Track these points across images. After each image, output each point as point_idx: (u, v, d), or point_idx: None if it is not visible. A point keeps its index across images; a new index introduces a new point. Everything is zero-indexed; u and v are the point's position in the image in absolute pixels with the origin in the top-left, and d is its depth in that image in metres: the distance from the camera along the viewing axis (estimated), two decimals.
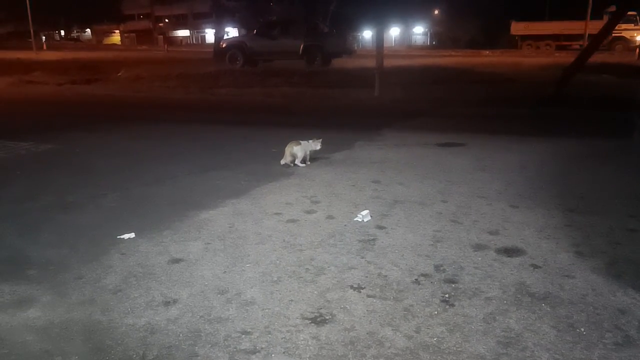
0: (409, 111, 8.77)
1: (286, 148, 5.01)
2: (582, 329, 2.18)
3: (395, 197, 4.05)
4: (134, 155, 5.62)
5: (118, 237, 3.25)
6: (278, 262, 2.87)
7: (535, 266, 2.78)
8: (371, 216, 3.59)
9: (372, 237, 3.21)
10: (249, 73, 15.08)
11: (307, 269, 2.78)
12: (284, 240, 3.18)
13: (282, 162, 5.01)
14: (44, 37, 41.21)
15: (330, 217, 3.63)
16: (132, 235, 3.27)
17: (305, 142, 5.06)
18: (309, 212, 3.72)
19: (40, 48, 36.75)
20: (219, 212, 3.74)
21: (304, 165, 5.01)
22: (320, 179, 4.61)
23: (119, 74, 15.71)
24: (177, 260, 2.90)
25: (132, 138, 6.60)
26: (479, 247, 3.05)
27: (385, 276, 2.68)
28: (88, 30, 55.88)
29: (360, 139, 6.29)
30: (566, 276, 2.65)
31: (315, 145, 5.02)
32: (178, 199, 4.05)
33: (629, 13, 28.59)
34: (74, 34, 64.13)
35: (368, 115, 8.66)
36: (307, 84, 12.55)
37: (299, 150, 4.99)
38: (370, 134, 6.64)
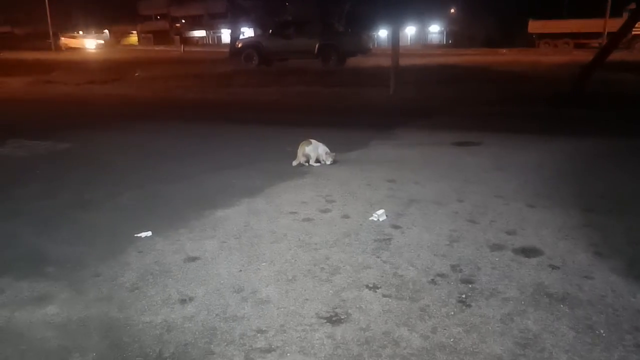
0: (424, 110, 8.74)
1: (298, 149, 5.02)
2: (601, 331, 2.15)
3: (411, 196, 4.03)
4: (149, 154, 5.66)
5: (135, 235, 3.27)
6: (293, 260, 2.87)
7: (553, 267, 2.74)
8: (387, 215, 3.58)
9: (387, 237, 3.20)
10: (264, 72, 15.15)
11: (322, 268, 2.77)
12: (299, 239, 3.18)
13: (294, 163, 5.02)
14: (62, 39, 41.82)
15: (345, 216, 3.62)
16: (149, 233, 3.30)
17: (317, 142, 5.05)
18: (324, 211, 3.73)
19: (58, 49, 37.26)
20: (234, 210, 3.76)
21: (318, 164, 5.01)
22: (335, 178, 4.61)
23: (136, 74, 15.88)
24: (193, 259, 2.91)
25: (148, 137, 6.66)
26: (496, 247, 3.02)
27: (401, 276, 2.67)
28: (106, 31, 56.65)
29: (375, 137, 6.27)
30: (585, 277, 2.62)
31: (326, 157, 4.98)
32: (193, 198, 4.08)
33: None
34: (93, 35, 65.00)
35: (383, 114, 8.64)
36: (322, 83, 12.55)
37: (311, 150, 4.99)
38: (386, 132, 6.61)
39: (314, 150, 5.00)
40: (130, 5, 59.08)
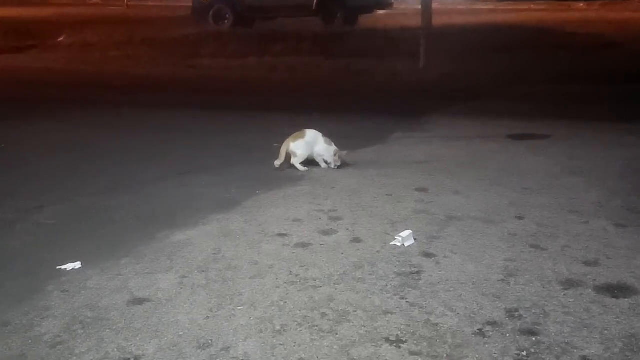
0: (467, 90, 8.73)
1: (283, 144, 5.09)
2: None
3: (449, 212, 4.02)
4: (83, 152, 5.64)
5: (58, 267, 3.23)
6: (282, 303, 2.85)
7: None
8: (415, 239, 3.57)
9: (416, 269, 3.19)
10: (241, 37, 15.11)
11: (323, 313, 2.76)
12: (290, 273, 3.16)
13: (277, 163, 5.07)
14: None
15: (356, 239, 3.61)
16: (78, 264, 3.28)
17: (313, 133, 5.07)
18: (326, 233, 3.72)
19: None
20: (199, 232, 3.75)
21: (304, 169, 5.05)
22: (341, 185, 4.58)
23: (61, 40, 15.87)
24: (140, 301, 2.89)
25: (83, 130, 6.65)
26: (570, 284, 3.01)
27: (436, 325, 2.65)
28: None
29: (398, 129, 6.24)
30: None
31: (334, 158, 5.01)
32: (143, 214, 4.05)
33: None
34: None
35: (409, 95, 8.63)
36: (323, 53, 12.53)
37: (299, 146, 5.03)
38: (413, 122, 6.59)
39: (304, 146, 5.04)
40: None
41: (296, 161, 5.05)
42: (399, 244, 3.52)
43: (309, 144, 5.05)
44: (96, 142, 6.09)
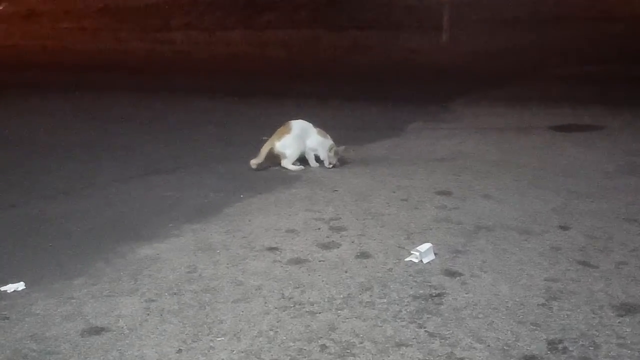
0: (499, 70, 8.73)
1: (267, 142, 5.13)
2: None
3: (478, 221, 4.01)
4: (26, 147, 5.64)
5: None
6: (273, 333, 2.82)
7: None
8: (435, 254, 3.56)
9: (436, 291, 3.18)
10: (223, 5, 15.08)
11: (323, 345, 2.72)
12: (282, 296, 3.16)
13: (253, 162, 5.09)
14: None
15: (363, 254, 3.61)
16: (21, 285, 3.27)
17: (301, 124, 5.12)
18: (326, 247, 3.72)
19: None
20: (171, 245, 3.75)
21: (297, 168, 5.11)
22: (346, 188, 4.57)
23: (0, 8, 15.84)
24: (97, 330, 2.86)
25: (26, 118, 6.71)
26: (626, 309, 2.98)
27: (461, 359, 2.64)
28: None
29: (415, 118, 6.25)
30: None
31: (329, 155, 5.04)
32: (102, 224, 4.05)
33: None
34: None
35: (430, 77, 8.62)
36: (324, 24, 12.52)
37: (287, 144, 5.07)
38: (434, 110, 6.61)
39: (294, 143, 5.08)
40: None
41: (287, 162, 5.08)
42: (416, 260, 3.51)
43: (298, 138, 5.08)
44: (43, 134, 6.09)
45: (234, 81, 8.71)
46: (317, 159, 5.17)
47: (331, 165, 5.08)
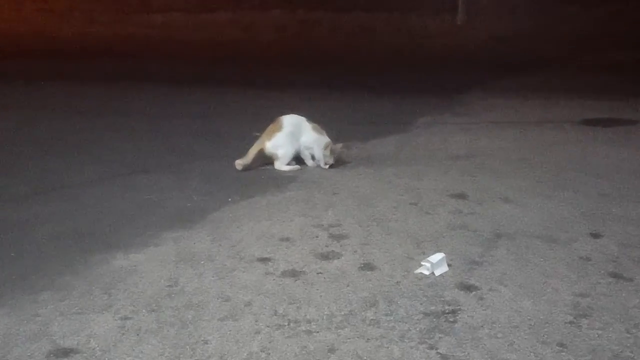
0: (523, 56, 8.74)
1: (256, 142, 5.14)
2: None
3: (497, 227, 4.00)
4: None
5: None
6: (265, 355, 2.78)
7: None
8: (449, 265, 3.55)
9: (450, 307, 3.16)
10: None
11: None
12: (275, 313, 3.13)
13: (239, 163, 5.09)
14: None
15: (367, 266, 3.60)
16: None
17: (294, 119, 5.15)
18: (325, 257, 3.70)
19: None
20: (149, 255, 3.73)
21: (292, 168, 5.13)
22: (348, 190, 4.57)
23: None
24: (66, 352, 2.81)
25: None
26: None
27: None
28: None
29: (426, 112, 6.24)
30: None
31: (325, 153, 5.07)
32: (72, 231, 4.04)
33: None
34: None
35: (443, 64, 8.64)
36: (323, 4, 12.46)
37: (278, 144, 5.10)
38: (447, 101, 6.60)
39: (287, 142, 5.11)
40: None
41: (280, 164, 5.09)
42: (427, 272, 3.50)
43: (292, 136, 5.09)
44: (6, 129, 6.08)
45: (221, 69, 8.74)
46: (314, 157, 5.19)
47: (327, 166, 5.10)
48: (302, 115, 5.20)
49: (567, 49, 8.99)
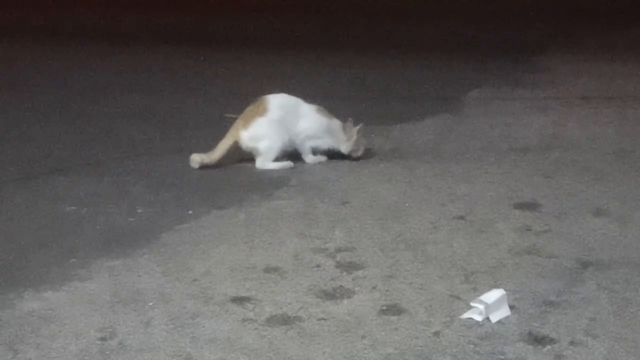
0: (618, 3, 8.62)
1: (230, 130, 4.66)
2: None
3: (584, 252, 3.44)
4: None
5: None
6: None
7: None
8: (512, 307, 3.00)
9: None
10: None
11: None
12: None
13: (197, 160, 4.60)
14: None
15: (392, 309, 3.00)
16: None
17: (292, 101, 4.66)
18: (331, 296, 3.12)
19: None
20: (72, 294, 3.14)
21: (288, 165, 4.67)
22: (363, 198, 4.12)
23: None
24: None
25: None
26: None
27: None
28: None
29: (482, 81, 5.96)
30: None
31: (348, 143, 4.59)
32: None
33: None
34: None
35: (504, 12, 8.44)
36: None
37: (260, 133, 4.53)
38: (511, 66, 6.31)
39: (274, 128, 4.54)
40: None
41: (263, 162, 4.52)
42: (479, 318, 2.91)
43: (280, 123, 4.53)
44: None
45: (179, 17, 8.63)
46: (315, 152, 4.61)
47: (358, 154, 4.55)
48: (295, 95, 4.65)
49: None
